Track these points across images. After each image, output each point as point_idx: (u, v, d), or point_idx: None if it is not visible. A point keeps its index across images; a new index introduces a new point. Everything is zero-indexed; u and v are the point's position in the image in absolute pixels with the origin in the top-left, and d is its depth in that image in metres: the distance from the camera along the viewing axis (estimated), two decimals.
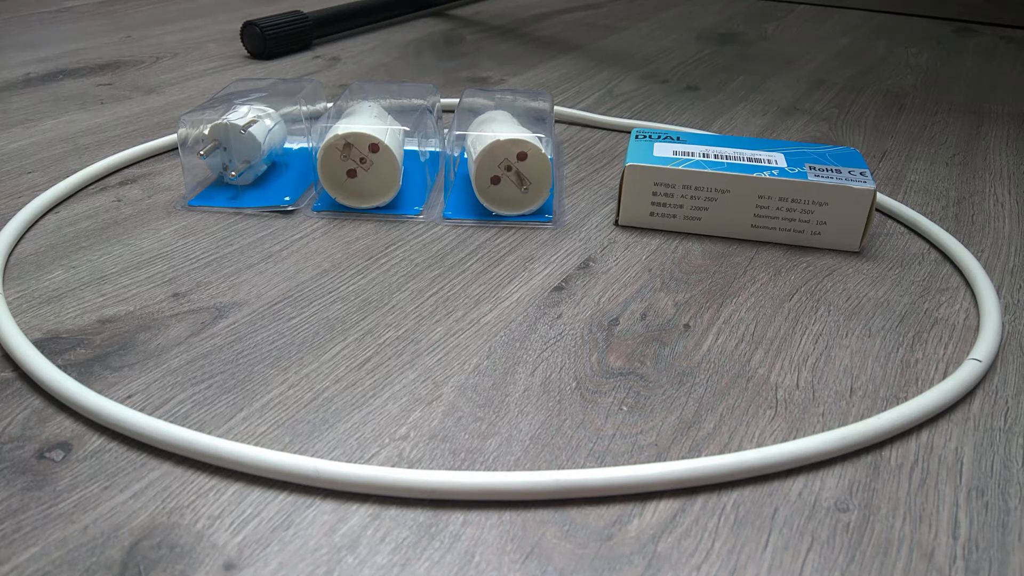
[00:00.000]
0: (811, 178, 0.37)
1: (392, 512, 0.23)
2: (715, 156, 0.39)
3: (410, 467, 0.25)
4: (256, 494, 0.24)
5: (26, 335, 0.30)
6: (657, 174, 0.38)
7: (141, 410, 0.26)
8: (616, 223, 0.41)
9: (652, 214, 0.40)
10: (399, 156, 0.40)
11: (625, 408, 0.28)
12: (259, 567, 0.21)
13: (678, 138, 0.41)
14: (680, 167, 0.38)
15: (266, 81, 0.49)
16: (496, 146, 0.38)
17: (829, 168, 0.38)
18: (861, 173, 0.38)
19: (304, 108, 0.46)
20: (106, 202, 0.42)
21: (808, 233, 0.38)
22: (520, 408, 0.27)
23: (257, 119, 0.42)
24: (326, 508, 0.23)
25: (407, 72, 0.66)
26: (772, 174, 0.38)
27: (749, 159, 0.39)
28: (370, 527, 0.23)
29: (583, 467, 0.25)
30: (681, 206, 0.39)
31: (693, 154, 0.39)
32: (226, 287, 0.34)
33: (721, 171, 0.38)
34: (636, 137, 0.42)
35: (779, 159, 0.39)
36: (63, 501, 0.23)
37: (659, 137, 0.41)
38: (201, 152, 0.41)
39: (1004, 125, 0.57)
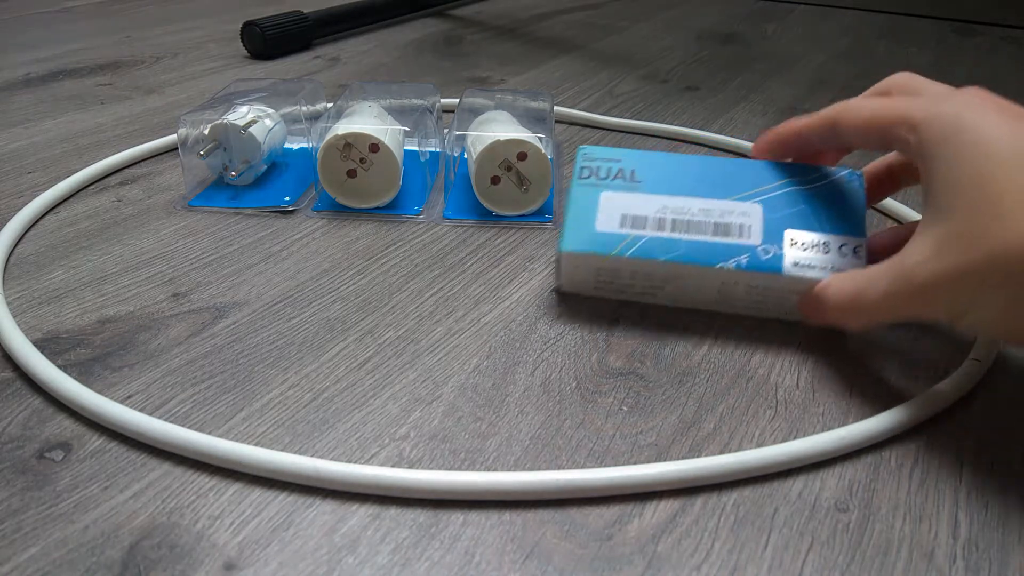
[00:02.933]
0: (787, 270, 0.30)
1: (392, 512, 0.23)
2: (673, 222, 0.31)
3: (410, 467, 0.25)
4: (256, 494, 0.24)
5: (26, 335, 0.30)
6: (599, 262, 0.31)
7: (141, 410, 0.26)
8: (557, 290, 0.34)
9: (597, 288, 0.33)
10: (399, 156, 0.40)
11: (625, 408, 0.28)
12: (259, 567, 0.21)
13: (632, 173, 0.32)
14: (627, 255, 0.31)
15: (266, 81, 0.49)
16: (496, 146, 0.38)
17: (814, 241, 0.30)
18: (856, 248, 0.30)
19: (304, 108, 0.46)
20: (106, 202, 0.42)
21: (784, 311, 0.32)
22: (520, 408, 0.27)
23: (257, 119, 0.42)
24: (326, 508, 0.23)
25: (407, 72, 0.66)
26: (739, 265, 0.30)
27: (716, 225, 0.31)
28: (370, 527, 0.23)
29: (583, 467, 0.25)
30: (632, 285, 0.32)
31: (647, 221, 0.31)
32: (226, 287, 0.34)
33: (676, 260, 0.30)
34: (582, 173, 0.33)
35: (755, 218, 0.31)
36: (63, 501, 0.23)
37: (608, 175, 0.32)
38: (201, 152, 0.41)
39: None
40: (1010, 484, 0.25)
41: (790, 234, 0.31)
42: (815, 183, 0.32)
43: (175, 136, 0.46)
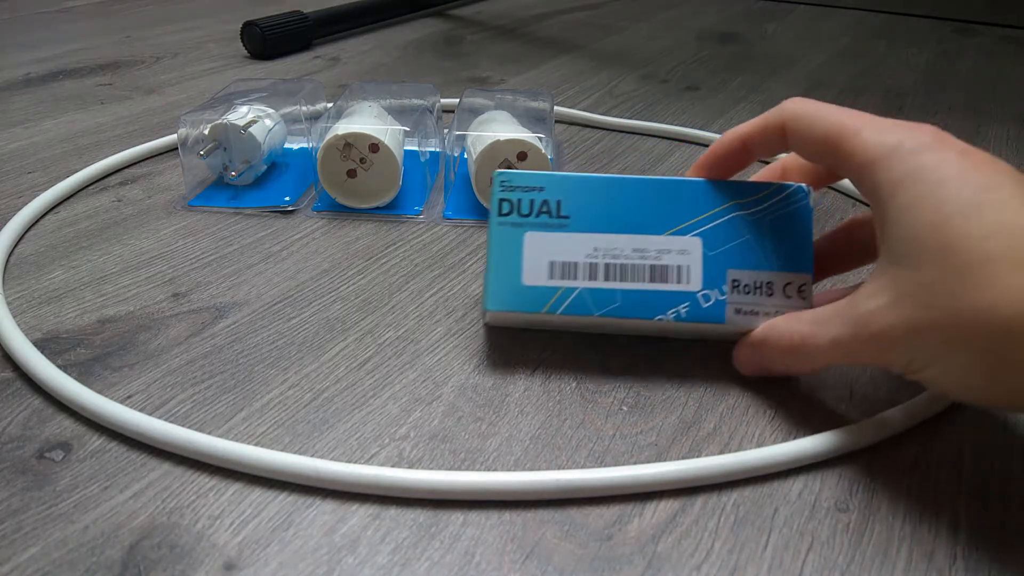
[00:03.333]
0: (729, 318, 0.28)
1: (392, 512, 0.23)
2: (607, 267, 0.28)
3: (410, 467, 0.25)
4: (256, 494, 0.24)
5: (26, 335, 0.30)
6: (529, 317, 0.29)
7: (141, 410, 0.26)
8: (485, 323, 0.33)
9: (528, 328, 0.32)
10: (399, 156, 0.40)
11: (625, 408, 0.28)
12: (259, 567, 0.21)
13: (558, 206, 0.29)
14: (558, 312, 0.28)
15: (266, 81, 0.49)
16: (496, 146, 0.38)
17: (757, 281, 0.28)
18: (801, 288, 0.28)
19: (304, 108, 0.46)
20: (106, 202, 0.42)
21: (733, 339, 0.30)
22: (520, 408, 0.27)
23: (257, 119, 0.42)
24: (326, 508, 0.23)
25: (407, 72, 0.66)
26: (678, 317, 0.28)
27: (653, 269, 0.28)
28: (370, 527, 0.23)
29: (583, 467, 0.25)
30: (564, 327, 0.31)
31: (577, 268, 0.28)
32: (226, 287, 0.34)
33: (611, 315, 0.28)
34: (501, 207, 0.29)
35: (694, 257, 0.28)
36: (63, 501, 0.23)
37: (531, 210, 0.29)
38: (201, 152, 0.41)
39: (1004, 125, 0.57)
40: (1010, 484, 0.25)
41: (732, 274, 0.28)
42: (759, 205, 0.29)
43: (175, 136, 0.46)
